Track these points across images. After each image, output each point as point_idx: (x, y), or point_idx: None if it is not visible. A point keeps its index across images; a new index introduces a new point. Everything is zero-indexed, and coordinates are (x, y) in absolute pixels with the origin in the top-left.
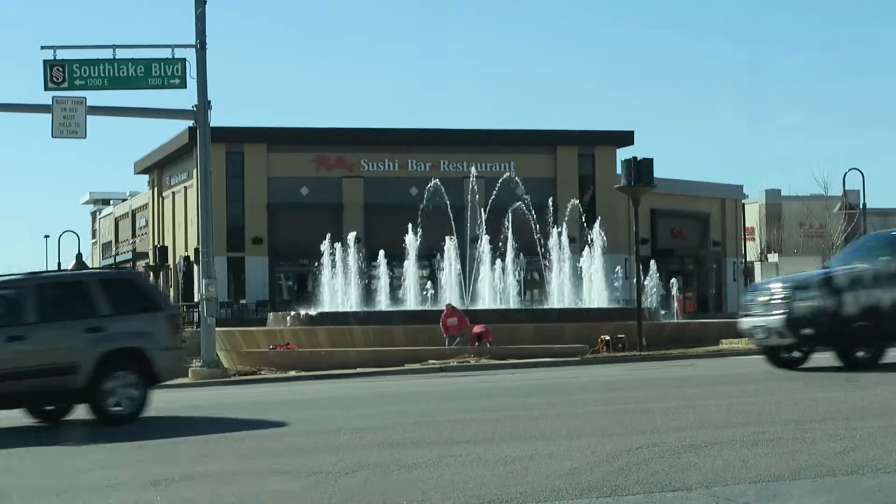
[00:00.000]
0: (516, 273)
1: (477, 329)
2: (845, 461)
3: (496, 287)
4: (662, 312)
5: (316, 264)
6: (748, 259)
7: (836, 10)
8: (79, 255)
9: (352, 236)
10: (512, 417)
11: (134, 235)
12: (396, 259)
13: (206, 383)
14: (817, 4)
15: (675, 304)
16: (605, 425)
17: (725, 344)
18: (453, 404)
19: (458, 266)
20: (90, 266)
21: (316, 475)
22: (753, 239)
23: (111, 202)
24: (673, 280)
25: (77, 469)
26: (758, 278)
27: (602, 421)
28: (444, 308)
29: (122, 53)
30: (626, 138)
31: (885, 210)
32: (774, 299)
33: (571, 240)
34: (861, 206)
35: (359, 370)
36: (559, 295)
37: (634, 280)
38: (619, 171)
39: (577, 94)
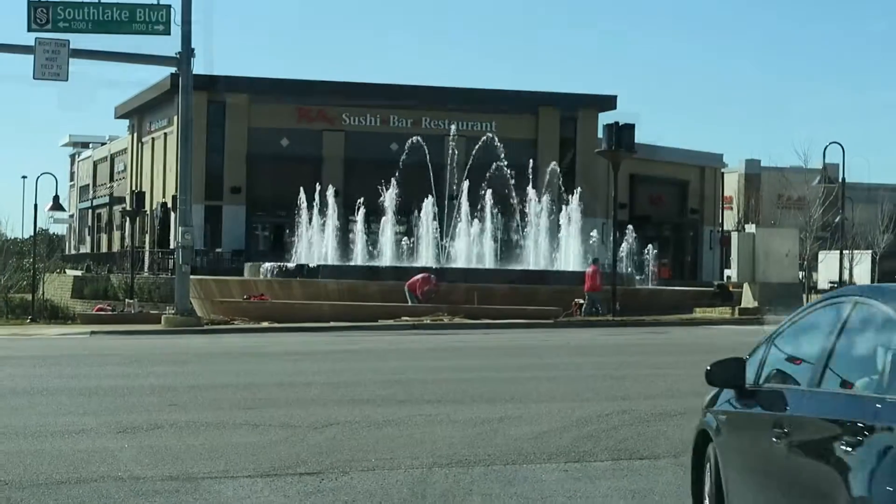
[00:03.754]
0: (493, 233)
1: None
2: None
3: (472, 246)
4: (638, 278)
5: (296, 215)
6: (725, 228)
7: None
8: (56, 198)
9: (331, 190)
10: (483, 378)
11: (112, 180)
12: (374, 214)
13: (178, 331)
14: None
15: (651, 271)
16: (576, 390)
17: (699, 312)
18: (425, 363)
19: (436, 224)
20: (67, 208)
21: (285, 429)
22: (731, 208)
23: (90, 146)
24: (649, 246)
25: (45, 413)
26: (734, 248)
27: (573, 386)
28: (424, 274)
29: None
30: (608, 102)
31: (864, 185)
32: None
33: (550, 202)
34: (840, 180)
35: (332, 324)
36: (535, 257)
37: (611, 244)
38: (600, 135)
39: (561, 57)
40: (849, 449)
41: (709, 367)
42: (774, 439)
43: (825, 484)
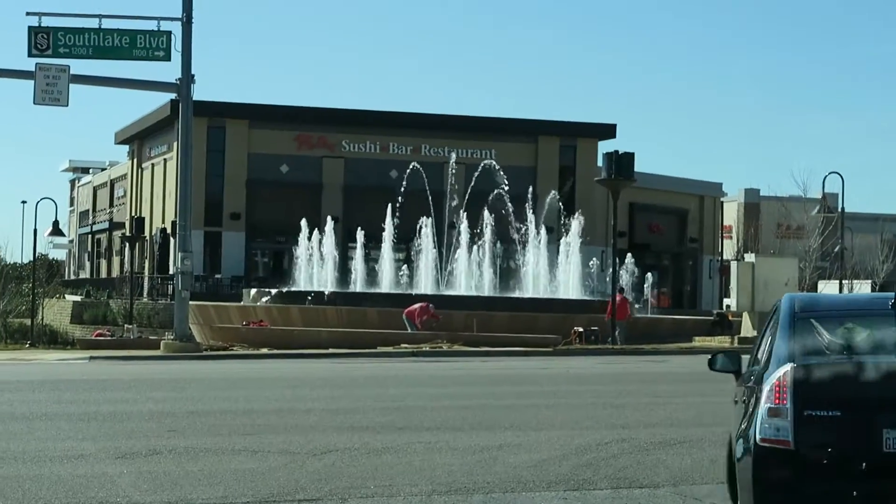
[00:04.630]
0: (492, 261)
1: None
2: None
3: (471, 274)
4: (637, 307)
5: (296, 245)
6: (725, 257)
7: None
8: (55, 223)
9: (330, 217)
10: (482, 406)
11: (112, 205)
12: (374, 241)
13: (177, 357)
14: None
15: (651, 299)
16: (575, 418)
17: (698, 341)
18: (424, 390)
19: (435, 251)
20: (67, 233)
21: (284, 455)
22: (731, 237)
23: (90, 171)
24: (648, 275)
25: (44, 438)
26: (734, 277)
27: (572, 414)
28: (423, 304)
29: (107, 24)
30: (608, 131)
31: (863, 215)
32: None
33: (549, 230)
34: (840, 210)
35: (331, 350)
36: (534, 284)
37: (610, 273)
38: (600, 163)
39: (562, 86)
40: (749, 404)
41: (710, 357)
42: (735, 402)
43: (744, 426)
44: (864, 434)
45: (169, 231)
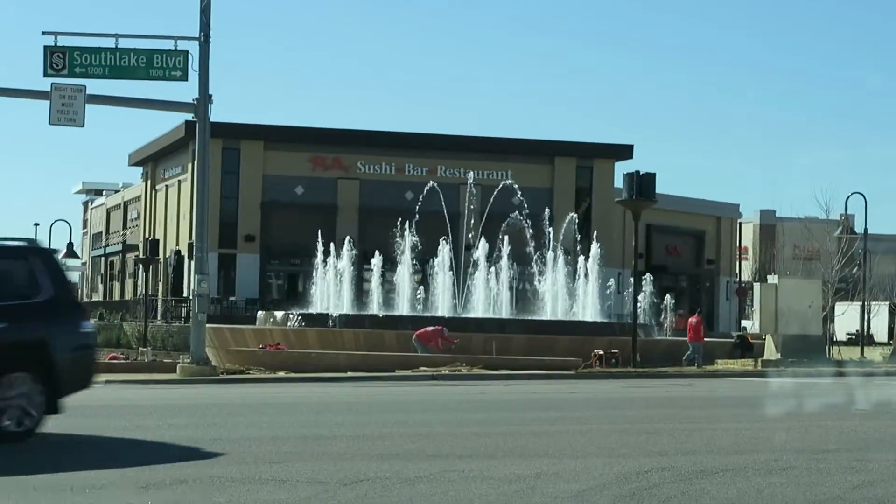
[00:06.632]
0: (510, 283)
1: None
2: (865, 496)
3: (489, 296)
4: (655, 328)
5: (314, 263)
6: (742, 279)
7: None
8: (69, 245)
9: (346, 238)
10: (513, 432)
11: (125, 227)
12: (390, 263)
13: (193, 380)
14: (823, 28)
15: (675, 321)
16: (610, 445)
17: (721, 364)
18: (450, 415)
19: (452, 273)
20: (80, 255)
21: (313, 485)
22: (747, 259)
23: (104, 193)
24: (667, 296)
25: (64, 467)
26: (756, 299)
27: (607, 440)
28: (437, 326)
29: (124, 43)
30: (625, 152)
31: (881, 236)
32: None
33: (567, 252)
34: (864, 230)
35: (349, 374)
36: (552, 306)
37: (628, 295)
38: (616, 184)
39: (578, 106)
40: None
41: None
42: None
43: None
44: None
45: (183, 253)
